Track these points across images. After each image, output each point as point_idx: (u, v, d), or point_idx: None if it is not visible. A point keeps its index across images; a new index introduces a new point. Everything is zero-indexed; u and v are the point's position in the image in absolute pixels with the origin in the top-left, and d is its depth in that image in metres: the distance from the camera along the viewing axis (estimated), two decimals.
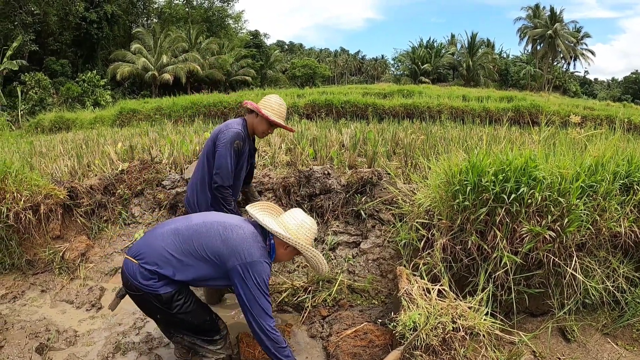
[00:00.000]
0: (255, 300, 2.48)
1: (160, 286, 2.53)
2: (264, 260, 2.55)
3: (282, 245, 2.71)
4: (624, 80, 74.69)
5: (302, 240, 2.68)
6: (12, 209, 4.15)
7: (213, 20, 45.89)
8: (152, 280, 2.53)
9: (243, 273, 2.48)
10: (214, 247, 2.53)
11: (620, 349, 2.91)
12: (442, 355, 2.47)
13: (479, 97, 20.95)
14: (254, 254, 2.52)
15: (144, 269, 2.53)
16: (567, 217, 2.87)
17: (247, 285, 2.48)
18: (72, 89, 28.00)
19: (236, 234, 2.58)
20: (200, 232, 2.59)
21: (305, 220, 2.76)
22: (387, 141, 7.12)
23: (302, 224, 2.73)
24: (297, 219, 2.75)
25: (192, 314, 2.69)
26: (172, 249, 2.55)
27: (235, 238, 2.56)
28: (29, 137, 13.15)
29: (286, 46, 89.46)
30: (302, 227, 2.71)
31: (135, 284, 2.54)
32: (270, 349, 2.53)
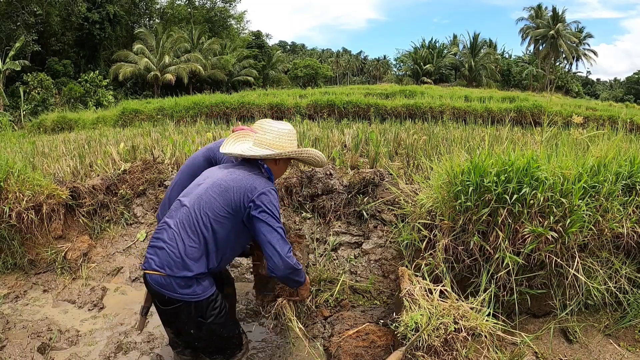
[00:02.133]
0: (273, 230, 2.45)
1: (200, 292, 2.45)
2: (268, 188, 2.52)
3: (273, 163, 2.74)
4: (627, 80, 74.57)
5: (289, 148, 2.67)
6: (15, 209, 4.16)
7: (215, 21, 45.96)
8: (191, 287, 2.42)
9: (255, 209, 2.45)
10: (222, 206, 2.48)
11: (622, 350, 2.90)
12: (444, 355, 2.46)
13: (481, 97, 20.97)
14: (256, 187, 2.50)
15: (179, 278, 2.40)
16: (570, 217, 2.86)
17: (261, 219, 2.44)
18: (74, 89, 28.06)
19: (232, 181, 2.54)
20: (202, 206, 2.50)
21: (281, 128, 2.72)
22: (389, 142, 7.13)
23: (279, 133, 2.69)
24: (273, 131, 2.69)
25: (225, 325, 2.63)
26: (195, 243, 2.45)
27: (234, 185, 2.52)
28: (31, 137, 13.19)
29: (288, 46, 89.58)
30: (282, 136, 2.68)
31: (175, 295, 2.41)
32: (289, 276, 2.53)
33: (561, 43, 48.91)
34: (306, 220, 4.50)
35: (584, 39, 52.33)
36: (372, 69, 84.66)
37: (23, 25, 28.63)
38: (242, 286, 4.05)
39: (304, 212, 4.52)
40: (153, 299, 2.58)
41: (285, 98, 19.10)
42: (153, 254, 2.48)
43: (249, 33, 52.18)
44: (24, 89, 25.80)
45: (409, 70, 60.07)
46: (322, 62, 68.59)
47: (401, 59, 65.49)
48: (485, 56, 53.23)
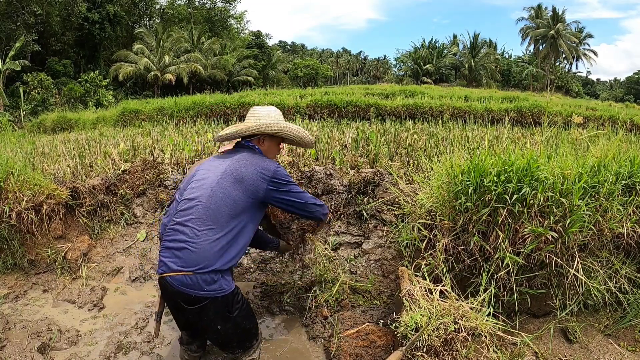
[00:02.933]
0: (300, 195, 2.72)
1: (226, 285, 2.47)
2: (276, 166, 2.68)
3: (259, 143, 2.86)
4: (627, 80, 74.61)
5: (271, 120, 2.81)
6: (15, 209, 4.16)
7: (215, 21, 45.97)
8: (218, 282, 2.44)
9: (276, 186, 2.62)
10: (241, 194, 2.54)
11: (622, 350, 2.90)
12: (444, 356, 2.46)
13: (481, 97, 20.97)
14: (268, 167, 2.63)
15: (206, 274, 2.39)
16: (570, 217, 2.86)
17: (286, 192, 2.65)
18: (74, 89, 28.07)
19: (243, 167, 2.62)
20: (220, 198, 2.51)
21: (261, 109, 2.90)
22: (389, 142, 7.13)
23: (256, 114, 2.86)
24: (254, 114, 2.89)
25: (246, 318, 2.68)
26: (217, 234, 2.44)
27: (245, 171, 2.60)
28: (31, 137, 13.18)
29: (288, 46, 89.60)
30: (259, 117, 2.83)
31: (202, 294, 2.41)
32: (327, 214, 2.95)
33: (561, 43, 48.93)
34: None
35: (584, 39, 52.36)
36: (372, 69, 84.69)
37: (23, 25, 28.65)
38: (243, 286, 4.05)
39: None
40: (171, 301, 2.56)
41: (285, 98, 19.11)
42: (171, 256, 2.45)
43: (249, 33, 52.23)
44: (24, 89, 25.81)
45: (409, 70, 60.10)
46: (322, 62, 68.61)
47: (401, 59, 65.54)
48: (485, 56, 53.25)
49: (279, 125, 2.80)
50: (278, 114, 2.92)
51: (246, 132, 2.77)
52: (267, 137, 2.86)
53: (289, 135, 2.88)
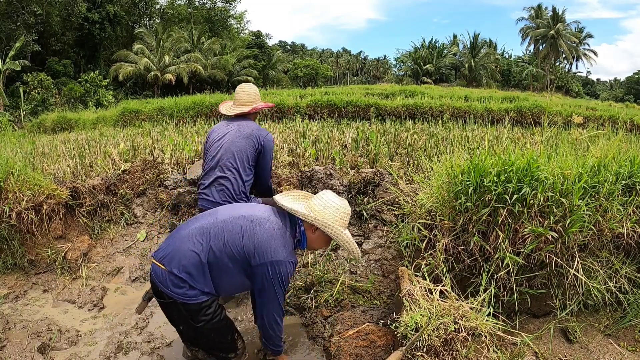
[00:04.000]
0: (275, 297, 2.51)
1: (192, 295, 2.44)
2: (289, 260, 2.50)
3: (310, 229, 2.66)
4: (627, 80, 74.59)
5: (329, 221, 2.57)
6: (15, 209, 4.16)
7: (215, 21, 45.93)
8: (183, 288, 2.42)
9: (268, 272, 2.44)
10: (241, 244, 2.45)
11: (622, 350, 2.90)
12: (444, 356, 2.46)
13: (481, 97, 20.97)
14: (280, 253, 2.47)
15: (174, 276, 2.42)
16: (570, 217, 2.86)
17: (269, 283, 2.47)
18: (74, 89, 28.06)
19: (264, 228, 2.51)
20: (227, 228, 2.50)
21: (333, 200, 2.63)
22: (389, 142, 7.13)
23: (328, 203, 2.61)
24: (324, 199, 2.64)
25: (215, 331, 2.63)
26: (200, 251, 2.44)
27: (263, 234, 2.48)
28: (31, 137, 13.18)
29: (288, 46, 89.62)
30: (329, 207, 2.59)
31: (167, 292, 2.44)
32: (271, 338, 2.68)
33: (561, 43, 48.92)
34: None
35: (584, 39, 52.34)
36: (372, 69, 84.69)
37: (23, 25, 28.63)
38: None
39: None
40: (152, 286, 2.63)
41: (285, 98, 19.10)
42: (164, 246, 2.59)
43: (249, 33, 52.19)
44: (24, 89, 25.79)
45: (409, 70, 60.08)
46: (322, 62, 68.60)
47: (401, 59, 65.53)
48: (485, 56, 53.23)
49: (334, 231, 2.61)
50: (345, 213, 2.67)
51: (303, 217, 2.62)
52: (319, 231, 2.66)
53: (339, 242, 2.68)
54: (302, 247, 2.68)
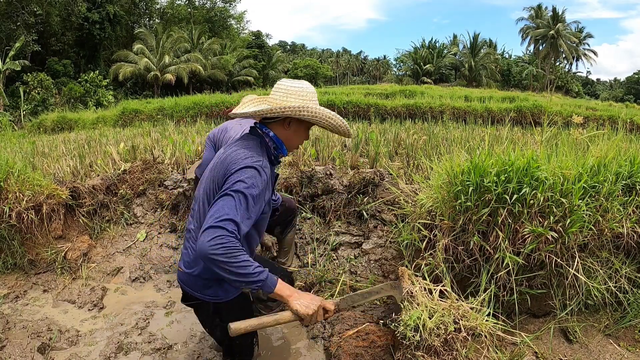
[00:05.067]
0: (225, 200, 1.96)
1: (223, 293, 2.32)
2: (248, 165, 2.08)
3: (282, 127, 2.30)
4: (627, 80, 74.63)
5: (300, 103, 2.21)
6: (15, 209, 4.16)
7: (215, 21, 45.97)
8: (211, 288, 2.30)
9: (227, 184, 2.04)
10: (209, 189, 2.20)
11: (622, 350, 2.90)
12: (444, 355, 2.46)
13: (481, 97, 20.98)
14: (236, 162, 2.10)
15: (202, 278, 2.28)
16: (570, 217, 2.86)
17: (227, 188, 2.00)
18: (74, 89, 28.08)
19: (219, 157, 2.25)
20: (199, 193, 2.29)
21: (293, 84, 2.27)
22: (389, 142, 7.13)
23: (289, 89, 2.25)
24: (282, 86, 2.27)
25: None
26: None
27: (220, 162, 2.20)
28: (31, 137, 13.18)
29: (288, 46, 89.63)
30: (292, 93, 2.24)
31: (196, 295, 2.32)
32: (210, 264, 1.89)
33: (561, 43, 48.94)
34: (306, 220, 4.50)
35: (584, 39, 52.37)
36: (372, 69, 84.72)
37: (23, 25, 28.65)
38: None
39: (304, 212, 4.52)
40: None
41: None
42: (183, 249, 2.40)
43: (249, 33, 52.24)
44: (24, 89, 25.82)
45: (409, 70, 60.12)
46: (322, 62, 68.65)
47: (401, 59, 65.57)
48: (485, 56, 53.26)
49: (309, 110, 2.21)
50: (311, 93, 2.31)
51: (268, 113, 2.20)
52: (294, 121, 2.31)
53: (320, 122, 2.30)
54: (284, 152, 2.34)
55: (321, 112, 2.24)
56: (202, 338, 3.46)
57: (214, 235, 1.84)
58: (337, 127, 2.33)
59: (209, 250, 1.82)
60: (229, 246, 1.84)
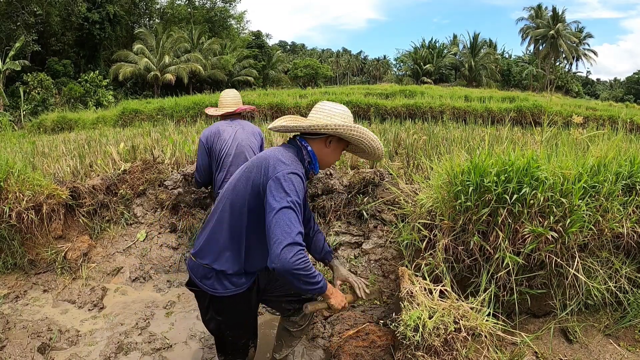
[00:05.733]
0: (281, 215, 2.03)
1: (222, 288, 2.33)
2: (291, 172, 2.14)
3: (322, 144, 2.35)
4: (627, 80, 74.63)
5: (347, 123, 2.29)
6: (15, 209, 4.16)
7: (215, 21, 45.96)
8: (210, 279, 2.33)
9: (269, 190, 2.09)
10: (242, 190, 2.23)
11: (622, 350, 2.90)
12: (444, 355, 2.46)
13: (481, 97, 20.97)
14: (279, 168, 2.14)
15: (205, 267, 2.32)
16: (570, 217, 2.86)
17: (274, 200, 2.06)
18: (74, 89, 28.08)
19: (257, 159, 2.28)
20: (229, 191, 2.32)
21: (336, 107, 2.36)
22: (389, 141, 7.12)
23: (333, 111, 2.33)
24: (326, 108, 2.35)
25: (231, 327, 2.53)
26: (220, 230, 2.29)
27: (257, 164, 2.24)
28: (31, 137, 13.18)
29: (288, 46, 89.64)
30: (336, 115, 2.32)
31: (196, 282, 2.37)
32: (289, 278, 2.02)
33: (561, 43, 48.94)
34: None
35: (584, 39, 52.36)
36: (372, 69, 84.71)
37: (23, 25, 28.64)
38: None
39: None
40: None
41: (285, 98, 19.12)
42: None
43: (249, 33, 52.22)
44: (24, 89, 25.81)
45: (409, 70, 60.11)
46: (322, 62, 68.65)
47: (401, 59, 65.56)
48: (485, 56, 53.25)
49: (358, 131, 2.29)
50: (351, 116, 2.41)
51: (322, 129, 2.25)
52: (335, 140, 2.37)
53: (363, 144, 2.36)
54: (315, 169, 2.37)
55: (367, 133, 2.34)
56: (202, 338, 3.46)
57: (294, 251, 1.97)
58: (374, 149, 2.41)
59: (293, 266, 1.96)
60: (307, 260, 2.02)
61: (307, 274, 2.03)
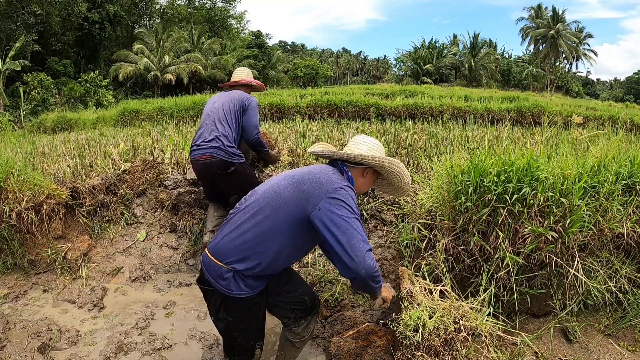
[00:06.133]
0: (352, 228, 2.16)
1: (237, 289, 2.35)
2: (345, 185, 2.30)
3: (360, 173, 2.52)
4: (627, 80, 74.63)
5: (385, 157, 2.47)
6: (15, 209, 4.16)
7: (215, 21, 45.94)
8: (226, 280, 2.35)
9: (331, 203, 2.20)
10: (290, 198, 2.30)
11: (622, 350, 2.90)
12: (444, 355, 2.46)
13: (481, 97, 20.93)
14: (334, 182, 2.28)
15: (224, 267, 2.34)
16: (570, 217, 2.86)
17: (337, 215, 2.17)
18: (74, 89, 28.06)
19: (308, 174, 2.37)
20: (271, 196, 2.37)
21: (373, 141, 2.56)
22: (389, 141, 7.11)
23: (372, 144, 2.54)
24: (366, 141, 2.55)
25: (241, 329, 2.54)
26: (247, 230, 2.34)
27: (309, 178, 2.33)
28: (31, 137, 13.17)
29: (288, 46, 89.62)
30: (375, 148, 2.53)
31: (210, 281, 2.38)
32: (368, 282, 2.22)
33: (561, 43, 48.92)
34: None
35: (584, 39, 52.33)
36: (372, 69, 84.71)
37: (23, 25, 28.62)
38: None
39: None
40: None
41: (285, 98, 19.08)
42: None
43: (249, 33, 52.19)
44: (24, 89, 25.78)
45: (409, 70, 60.04)
46: (322, 62, 68.63)
47: (401, 59, 65.48)
48: (485, 56, 53.20)
49: (398, 165, 2.49)
50: (384, 152, 2.65)
51: (365, 159, 2.45)
52: (371, 171, 2.56)
53: (397, 177, 2.56)
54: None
55: (405, 169, 2.55)
56: (202, 338, 3.46)
57: (372, 256, 2.19)
58: (405, 185, 2.62)
59: (373, 271, 2.19)
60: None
61: (379, 275, 2.27)
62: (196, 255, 4.58)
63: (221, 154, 3.87)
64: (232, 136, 3.98)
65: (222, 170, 3.92)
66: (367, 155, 2.44)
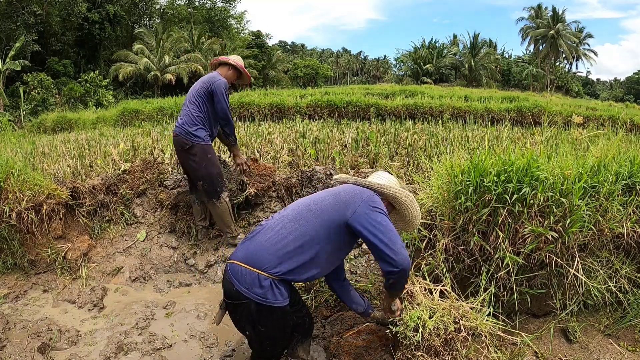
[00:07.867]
0: (389, 226, 2.41)
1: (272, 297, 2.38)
2: (375, 194, 2.57)
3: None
4: (627, 80, 74.63)
5: (399, 189, 2.65)
6: (15, 209, 4.16)
7: (215, 21, 45.90)
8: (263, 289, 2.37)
9: (368, 208, 2.44)
10: (329, 205, 2.50)
11: (622, 350, 2.90)
12: (444, 355, 2.46)
13: (481, 97, 20.92)
14: (367, 192, 2.55)
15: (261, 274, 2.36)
16: (570, 217, 2.86)
17: (375, 218, 2.41)
18: (74, 89, 28.05)
19: (342, 188, 2.63)
20: (309, 204, 2.57)
21: (392, 177, 2.79)
22: (389, 141, 7.13)
23: (390, 179, 2.75)
24: (385, 176, 2.76)
25: (273, 338, 2.56)
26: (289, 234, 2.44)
27: (344, 189, 2.59)
28: (31, 137, 13.18)
29: (288, 46, 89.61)
30: (394, 182, 2.73)
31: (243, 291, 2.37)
32: (405, 277, 2.44)
33: (561, 43, 48.91)
34: None
35: (584, 39, 52.33)
36: (372, 69, 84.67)
37: (23, 25, 28.60)
38: None
39: None
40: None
41: (285, 98, 19.08)
42: None
43: (249, 33, 52.15)
44: (24, 89, 25.77)
45: (409, 70, 60.03)
46: (322, 62, 68.65)
47: (401, 59, 65.46)
48: (485, 56, 53.19)
49: (410, 198, 2.67)
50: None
51: (380, 188, 2.64)
52: (386, 204, 2.67)
53: (409, 210, 2.69)
54: None
55: (416, 204, 2.70)
56: (202, 338, 3.46)
57: (407, 253, 2.40)
58: (415, 219, 2.74)
59: (408, 265, 2.38)
60: None
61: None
62: (196, 255, 4.57)
63: (182, 133, 4.20)
64: (194, 116, 4.22)
65: (181, 148, 4.25)
66: (384, 185, 2.63)
